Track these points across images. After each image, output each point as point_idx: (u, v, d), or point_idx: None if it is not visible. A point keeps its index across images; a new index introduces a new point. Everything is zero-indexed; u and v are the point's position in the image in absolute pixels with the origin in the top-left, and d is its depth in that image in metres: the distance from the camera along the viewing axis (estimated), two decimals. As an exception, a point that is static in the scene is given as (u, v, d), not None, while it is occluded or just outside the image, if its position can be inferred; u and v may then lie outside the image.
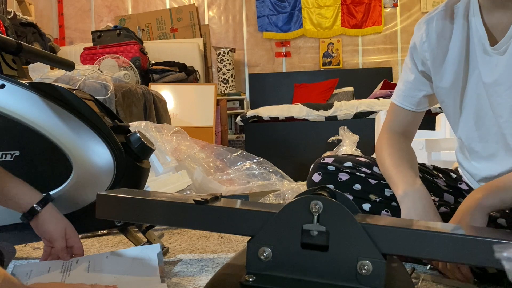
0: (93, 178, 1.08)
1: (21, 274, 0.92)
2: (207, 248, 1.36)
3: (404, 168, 1.00)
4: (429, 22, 1.02)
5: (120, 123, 1.18)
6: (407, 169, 1.00)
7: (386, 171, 1.04)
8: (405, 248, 0.67)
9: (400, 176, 0.99)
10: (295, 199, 0.70)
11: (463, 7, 0.98)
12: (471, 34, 0.97)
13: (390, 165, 1.03)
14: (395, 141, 1.09)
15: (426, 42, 1.03)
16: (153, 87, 3.52)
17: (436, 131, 2.33)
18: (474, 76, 0.98)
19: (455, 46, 0.99)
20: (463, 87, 1.00)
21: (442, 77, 1.02)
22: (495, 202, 0.85)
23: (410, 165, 1.03)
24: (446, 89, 1.03)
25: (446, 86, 1.03)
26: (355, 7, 5.36)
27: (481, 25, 0.94)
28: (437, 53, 1.01)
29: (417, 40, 1.05)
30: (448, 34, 1.00)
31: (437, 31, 1.01)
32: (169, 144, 2.25)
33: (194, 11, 5.15)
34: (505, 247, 0.45)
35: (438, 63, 1.02)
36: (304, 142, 3.56)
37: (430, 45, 1.02)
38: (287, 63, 5.51)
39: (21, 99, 1.05)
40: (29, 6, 4.43)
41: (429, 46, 1.02)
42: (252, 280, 0.68)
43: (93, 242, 1.49)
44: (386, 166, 1.04)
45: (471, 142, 1.03)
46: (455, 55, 0.99)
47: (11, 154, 1.05)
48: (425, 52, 1.03)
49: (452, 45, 0.99)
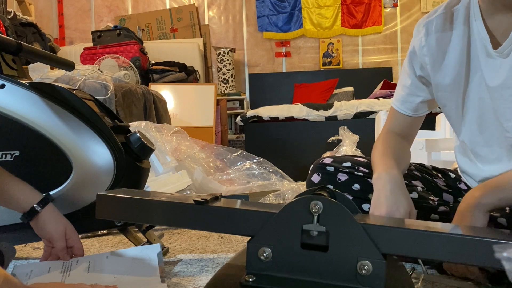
0: (93, 178, 1.08)
1: (21, 274, 0.92)
2: (207, 248, 1.36)
3: (386, 157, 1.01)
4: (428, 26, 1.02)
5: (120, 123, 1.18)
6: (389, 158, 1.01)
7: (372, 162, 1.06)
8: (405, 248, 0.67)
9: (380, 163, 1.00)
10: (295, 199, 0.70)
11: (463, 10, 0.97)
12: (472, 37, 0.96)
13: (376, 155, 1.05)
14: (389, 140, 1.10)
15: (425, 46, 1.02)
16: (153, 87, 3.52)
17: (436, 131, 2.33)
18: (475, 79, 0.97)
19: (455, 50, 0.98)
20: (464, 91, 0.99)
21: (442, 81, 1.02)
22: (493, 200, 0.85)
23: (395, 157, 1.03)
24: (447, 93, 1.02)
25: (446, 90, 1.02)
26: (355, 7, 5.36)
27: (482, 28, 0.93)
28: (437, 57, 1.01)
29: (416, 44, 1.04)
30: (448, 38, 0.99)
31: (436, 34, 1.00)
32: (169, 144, 2.25)
33: (194, 11, 5.15)
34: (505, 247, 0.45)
35: (437, 67, 1.01)
36: (304, 142, 3.56)
37: (430, 49, 1.01)
38: (287, 63, 5.51)
39: (21, 99, 1.05)
40: (29, 6, 4.43)
41: (429, 50, 1.02)
42: (252, 280, 0.68)
43: (93, 242, 1.49)
44: (373, 157, 1.06)
45: (475, 146, 1.03)
46: (455, 58, 0.98)
47: (11, 154, 1.05)
48: (424, 56, 1.03)
49: (452, 49, 0.99)
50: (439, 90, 1.04)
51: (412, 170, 1.16)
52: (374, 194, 0.95)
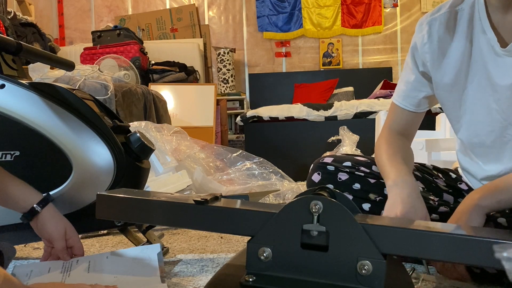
0: (93, 178, 1.08)
1: (21, 275, 0.92)
2: (207, 248, 1.36)
3: (397, 162, 1.01)
4: (431, 24, 1.02)
5: (120, 123, 1.18)
6: (400, 163, 1.01)
7: (380, 165, 1.05)
8: (405, 248, 0.67)
9: (392, 168, 1.00)
10: (295, 199, 0.70)
11: (467, 9, 0.97)
12: (474, 38, 0.96)
13: (385, 159, 1.04)
14: (393, 139, 1.10)
15: (427, 43, 1.02)
16: (153, 87, 3.52)
17: (436, 131, 2.33)
18: (475, 80, 0.97)
19: (457, 50, 0.99)
20: (464, 90, 1.00)
21: (441, 80, 1.02)
22: (492, 202, 0.86)
23: (405, 160, 1.03)
24: (445, 92, 1.03)
25: (445, 89, 1.03)
26: (355, 7, 5.36)
27: (489, 28, 0.93)
28: (438, 55, 1.01)
29: (418, 40, 1.04)
30: (450, 37, 0.99)
31: (439, 33, 1.00)
32: (169, 144, 2.25)
33: (194, 11, 5.15)
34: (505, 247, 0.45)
35: (437, 65, 1.02)
36: (304, 142, 3.56)
37: (431, 47, 1.02)
38: (287, 63, 5.50)
39: (21, 99, 1.05)
40: (29, 6, 4.43)
41: (430, 47, 1.02)
42: (252, 280, 0.68)
43: (93, 242, 1.49)
44: (381, 160, 1.06)
45: (474, 146, 1.03)
46: (456, 58, 0.99)
47: (11, 154, 1.05)
48: (425, 53, 1.03)
49: (454, 48, 0.99)
50: (438, 88, 1.04)
51: (412, 170, 1.16)
52: (389, 199, 0.94)
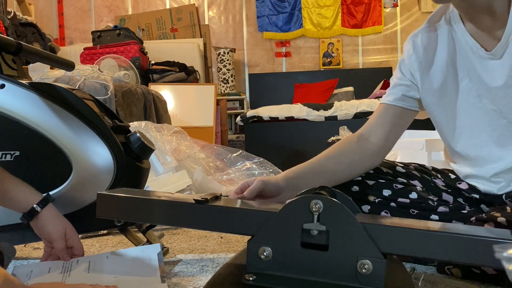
0: (93, 178, 1.08)
1: (22, 275, 0.92)
2: (207, 248, 1.36)
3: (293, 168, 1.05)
4: (414, 38, 1.09)
5: (120, 123, 1.18)
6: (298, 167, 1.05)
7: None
8: (406, 247, 0.67)
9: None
10: (295, 199, 0.70)
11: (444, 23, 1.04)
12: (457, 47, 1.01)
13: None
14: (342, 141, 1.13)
15: (413, 54, 1.08)
16: (153, 87, 3.52)
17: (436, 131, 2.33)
18: (467, 82, 1.00)
19: (442, 55, 1.03)
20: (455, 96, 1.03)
21: (431, 85, 1.06)
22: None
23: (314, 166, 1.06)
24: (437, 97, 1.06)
25: (436, 94, 1.06)
26: (355, 7, 5.36)
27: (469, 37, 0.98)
28: (425, 63, 1.06)
29: (405, 54, 1.11)
30: (434, 45, 1.05)
31: (423, 43, 1.07)
32: (169, 144, 2.25)
33: (194, 11, 5.15)
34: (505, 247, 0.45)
35: (427, 71, 1.06)
36: (304, 142, 3.56)
37: (418, 57, 1.07)
38: (287, 63, 5.51)
39: (21, 99, 1.05)
40: (29, 6, 4.43)
41: (417, 57, 1.07)
42: (252, 279, 0.68)
43: (93, 242, 1.49)
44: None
45: (473, 150, 1.04)
46: (443, 63, 1.03)
47: (11, 154, 1.05)
48: (413, 63, 1.08)
49: (439, 54, 1.04)
50: (428, 95, 1.07)
51: (411, 170, 1.16)
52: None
